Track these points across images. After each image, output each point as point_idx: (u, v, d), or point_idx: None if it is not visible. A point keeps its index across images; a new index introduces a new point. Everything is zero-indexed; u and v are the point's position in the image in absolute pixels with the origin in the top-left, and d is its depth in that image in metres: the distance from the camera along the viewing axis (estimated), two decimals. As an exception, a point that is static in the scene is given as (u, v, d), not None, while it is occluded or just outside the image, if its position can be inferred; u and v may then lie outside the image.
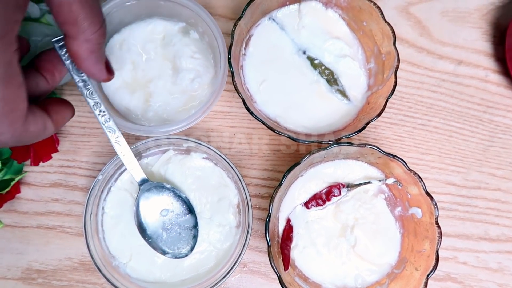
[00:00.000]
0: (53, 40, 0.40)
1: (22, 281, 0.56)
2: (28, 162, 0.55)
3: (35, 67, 0.39)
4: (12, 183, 0.54)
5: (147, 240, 0.51)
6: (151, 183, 0.51)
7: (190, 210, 0.52)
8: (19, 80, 0.33)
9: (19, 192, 0.56)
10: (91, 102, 0.44)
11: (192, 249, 0.52)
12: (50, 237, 0.56)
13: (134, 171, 0.49)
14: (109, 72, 0.42)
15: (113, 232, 0.54)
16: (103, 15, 0.37)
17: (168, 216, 0.52)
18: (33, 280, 0.56)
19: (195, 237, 0.52)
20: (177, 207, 0.52)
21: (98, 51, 0.38)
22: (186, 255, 0.52)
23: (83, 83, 0.42)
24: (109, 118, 0.45)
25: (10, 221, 0.56)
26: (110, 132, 0.46)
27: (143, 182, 0.50)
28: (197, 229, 0.52)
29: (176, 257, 0.51)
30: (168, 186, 0.52)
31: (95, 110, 0.44)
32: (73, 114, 0.42)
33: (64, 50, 0.40)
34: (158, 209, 0.51)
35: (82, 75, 0.42)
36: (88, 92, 0.43)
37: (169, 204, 0.52)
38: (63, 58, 0.40)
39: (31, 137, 0.37)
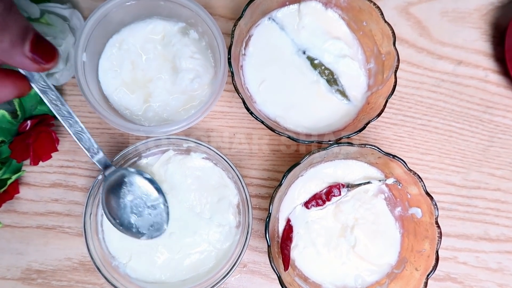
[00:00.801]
0: None
1: (22, 281, 0.56)
2: (27, 162, 0.55)
3: None
4: (9, 181, 0.53)
5: (118, 228, 0.51)
6: (115, 169, 0.51)
7: (157, 189, 0.53)
8: None
9: (17, 192, 0.56)
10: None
11: (165, 227, 0.52)
12: (49, 237, 0.56)
13: (98, 155, 0.49)
14: (49, 58, 0.36)
15: (112, 232, 0.53)
16: None
17: (136, 200, 0.52)
18: (33, 281, 0.56)
19: (167, 214, 0.53)
20: (143, 189, 0.52)
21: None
22: (162, 233, 0.52)
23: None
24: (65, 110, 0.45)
25: (9, 221, 0.56)
26: (66, 119, 0.45)
27: (106, 166, 0.50)
28: (167, 206, 0.53)
29: (152, 237, 0.52)
30: (132, 169, 0.52)
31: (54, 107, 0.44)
32: (22, 92, 0.39)
33: None
34: (124, 194, 0.51)
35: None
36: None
37: (136, 187, 0.52)
38: None
39: None
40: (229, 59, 0.49)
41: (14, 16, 0.33)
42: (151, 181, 0.52)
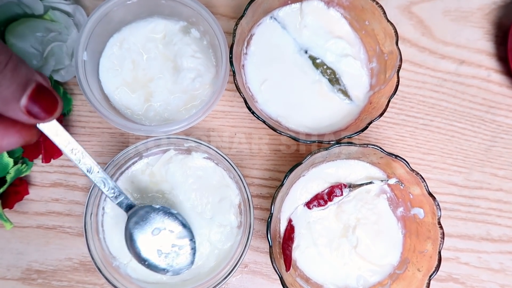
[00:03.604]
0: None
1: (22, 282, 0.55)
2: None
3: None
4: (8, 177, 0.52)
5: (143, 264, 0.49)
6: (138, 207, 0.49)
7: (184, 224, 0.50)
8: None
9: (27, 193, 0.55)
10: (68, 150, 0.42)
11: (192, 262, 0.50)
12: (50, 237, 0.56)
13: (120, 198, 0.47)
14: (50, 111, 0.35)
15: (113, 232, 0.53)
16: (6, 51, 0.31)
17: (161, 235, 0.49)
18: (33, 281, 0.55)
19: (193, 249, 0.50)
20: (169, 224, 0.50)
21: (12, 99, 0.32)
22: (187, 270, 0.50)
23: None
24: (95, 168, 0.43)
25: (9, 221, 0.56)
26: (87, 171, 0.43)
27: (129, 207, 0.49)
28: (194, 241, 0.50)
29: (177, 274, 0.50)
30: (157, 206, 0.50)
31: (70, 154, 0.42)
32: (28, 140, 0.37)
33: None
34: (149, 229, 0.49)
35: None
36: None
37: (160, 222, 0.49)
38: None
39: None
40: (230, 58, 0.49)
41: (21, 67, 0.32)
42: (176, 216, 0.50)
